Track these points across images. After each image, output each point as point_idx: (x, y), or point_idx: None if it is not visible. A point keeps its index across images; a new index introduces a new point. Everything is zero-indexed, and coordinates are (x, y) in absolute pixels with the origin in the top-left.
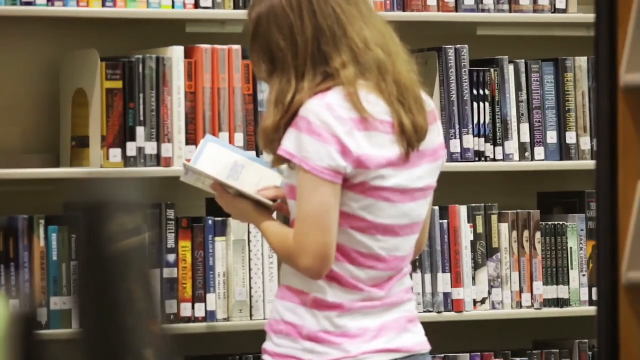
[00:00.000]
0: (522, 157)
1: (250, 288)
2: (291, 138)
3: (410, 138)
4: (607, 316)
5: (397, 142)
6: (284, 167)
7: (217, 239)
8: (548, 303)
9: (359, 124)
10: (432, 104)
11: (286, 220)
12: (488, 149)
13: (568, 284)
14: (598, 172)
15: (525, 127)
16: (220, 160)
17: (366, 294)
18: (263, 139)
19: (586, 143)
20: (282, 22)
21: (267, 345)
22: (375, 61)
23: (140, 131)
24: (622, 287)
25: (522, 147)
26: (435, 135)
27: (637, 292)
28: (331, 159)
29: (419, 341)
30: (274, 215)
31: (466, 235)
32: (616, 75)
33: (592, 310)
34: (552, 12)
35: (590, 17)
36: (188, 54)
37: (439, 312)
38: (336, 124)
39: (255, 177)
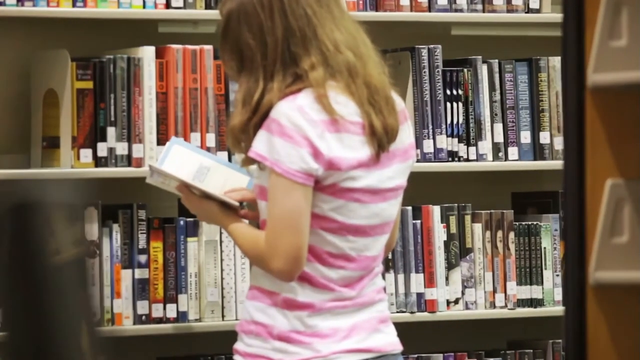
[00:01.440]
0: (495, 157)
1: (222, 288)
2: (262, 140)
3: (381, 139)
4: (575, 316)
5: (368, 143)
6: (253, 167)
7: (188, 239)
8: (521, 303)
9: (330, 126)
10: (402, 104)
11: (255, 224)
12: (461, 149)
13: (542, 284)
14: (566, 172)
15: (498, 127)
16: (186, 162)
17: (337, 293)
18: (231, 138)
19: (560, 143)
20: (252, 20)
21: (237, 346)
22: (345, 64)
23: (111, 131)
24: (590, 287)
25: (495, 147)
26: (405, 135)
27: (605, 292)
28: (303, 162)
29: (391, 341)
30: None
31: (439, 235)
32: (584, 75)
33: None
34: (526, 12)
35: None
36: (159, 54)
37: (412, 313)
38: (307, 127)
39: (221, 179)
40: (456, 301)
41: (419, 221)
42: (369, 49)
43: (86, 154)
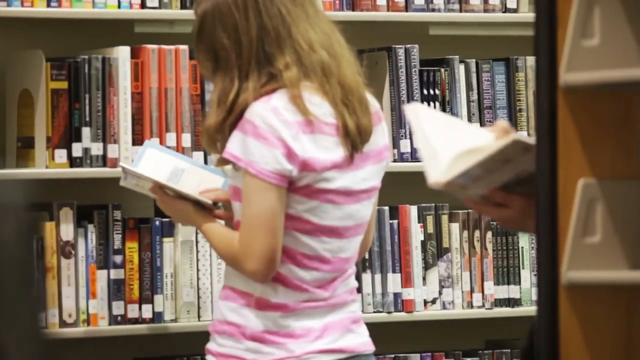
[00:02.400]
0: None
1: (198, 289)
2: (237, 141)
3: (354, 140)
4: (547, 316)
5: (342, 144)
6: (228, 167)
7: (164, 239)
8: (499, 303)
9: (305, 127)
10: (377, 105)
11: (230, 225)
12: None
13: (519, 283)
14: (538, 172)
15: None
16: (160, 164)
17: (310, 294)
18: (206, 138)
19: None
20: (227, 20)
21: (210, 346)
22: (319, 63)
23: (85, 132)
24: (562, 287)
25: None
26: (379, 136)
27: (577, 292)
28: (277, 163)
29: (363, 341)
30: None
31: (416, 235)
32: (556, 74)
33: None
34: (503, 12)
35: None
36: (134, 54)
37: (389, 313)
38: (282, 128)
39: (196, 180)
40: (433, 301)
41: (395, 221)
42: (343, 48)
43: (61, 155)
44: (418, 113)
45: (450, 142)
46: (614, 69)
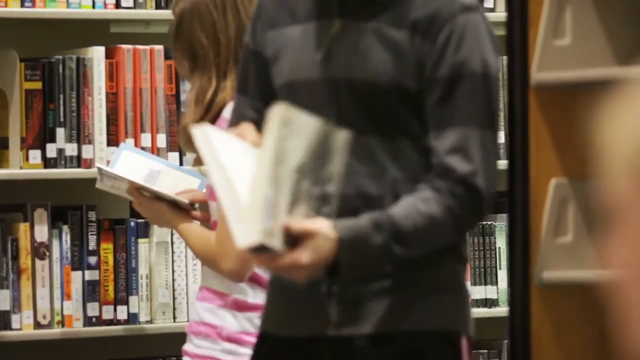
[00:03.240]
0: None
1: (174, 290)
2: None
3: None
4: (520, 316)
5: None
6: (205, 168)
7: (139, 240)
8: (476, 303)
9: None
10: None
11: (207, 226)
12: None
13: (496, 284)
14: (510, 171)
15: None
16: (136, 166)
17: None
18: (183, 137)
19: None
20: (205, 19)
21: (187, 347)
22: None
23: (60, 132)
24: (534, 287)
25: None
26: None
27: (550, 292)
28: None
29: None
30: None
31: None
32: (527, 73)
33: None
34: None
35: None
36: (109, 54)
37: None
38: None
39: (172, 182)
40: None
41: None
42: None
43: (35, 155)
44: (208, 136)
45: (243, 170)
46: (585, 69)
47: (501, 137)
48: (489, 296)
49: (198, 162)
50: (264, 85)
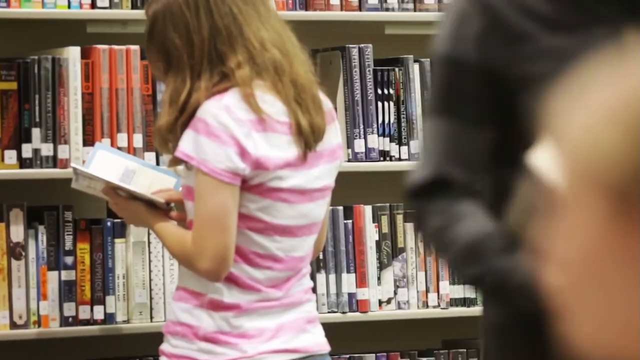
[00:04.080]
0: None
1: (151, 290)
2: (189, 139)
3: (307, 138)
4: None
5: (295, 143)
6: (180, 167)
7: (116, 240)
8: (455, 302)
9: (257, 125)
10: (329, 104)
11: (183, 226)
12: (393, 149)
13: None
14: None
15: None
16: (111, 166)
17: (263, 294)
18: (157, 139)
19: None
20: (178, 20)
21: (163, 347)
22: (271, 61)
23: (35, 132)
24: None
25: None
26: (332, 135)
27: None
28: (229, 161)
29: (318, 341)
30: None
31: (371, 235)
32: None
33: None
34: None
35: None
36: (85, 54)
37: (343, 313)
38: (234, 126)
39: (147, 181)
40: (388, 301)
41: (350, 221)
42: (295, 47)
43: (10, 155)
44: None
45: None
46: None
47: None
48: (467, 295)
49: (174, 162)
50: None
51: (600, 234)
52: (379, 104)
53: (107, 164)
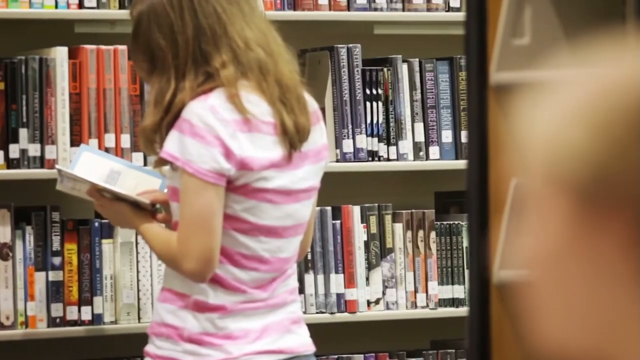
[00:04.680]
0: (416, 157)
1: (138, 290)
2: (174, 140)
3: (292, 138)
4: (479, 315)
5: (280, 143)
6: (166, 168)
7: (103, 241)
8: (443, 303)
9: (242, 126)
10: (315, 105)
11: (170, 227)
12: (382, 149)
13: (463, 283)
14: (469, 171)
15: (419, 126)
16: (96, 167)
17: (248, 295)
18: (142, 139)
19: None
20: (163, 21)
21: (148, 348)
22: (255, 61)
23: (23, 133)
24: (494, 287)
25: (416, 147)
26: (318, 135)
27: (509, 292)
28: (214, 162)
29: (303, 342)
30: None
31: (359, 235)
32: (486, 73)
33: None
34: (447, 11)
35: None
36: (72, 55)
37: (332, 313)
38: (219, 126)
39: (133, 182)
40: (377, 301)
41: (338, 221)
42: (280, 46)
43: None
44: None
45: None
46: (544, 68)
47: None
48: (455, 296)
49: (159, 163)
50: None
51: (564, 233)
52: (368, 104)
53: (91, 166)
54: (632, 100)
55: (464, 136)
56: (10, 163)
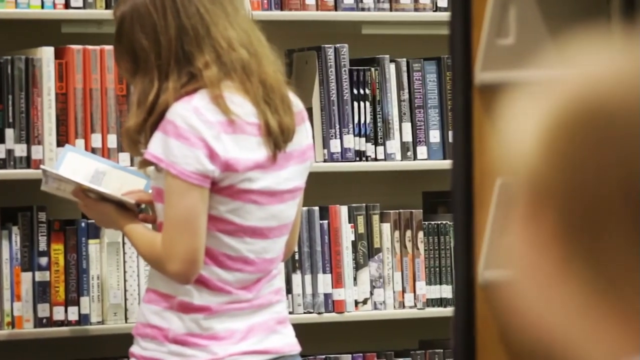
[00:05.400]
0: (404, 157)
1: (125, 290)
2: (158, 142)
3: (277, 139)
4: (464, 315)
5: (264, 144)
6: (151, 169)
7: (90, 241)
8: (431, 303)
9: (227, 127)
10: (300, 105)
11: (155, 228)
12: (369, 149)
13: (451, 283)
14: (454, 171)
15: (407, 126)
16: (81, 167)
17: (234, 296)
18: (126, 140)
19: None
20: (146, 21)
21: (133, 349)
22: (239, 61)
23: (9, 133)
24: (479, 287)
25: (404, 147)
26: (303, 136)
27: (494, 291)
28: (199, 163)
29: (288, 342)
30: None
31: (347, 235)
32: (471, 73)
33: None
34: (434, 11)
35: None
36: (59, 55)
37: (319, 313)
38: (203, 128)
39: (118, 183)
40: (364, 301)
41: (326, 221)
42: (264, 47)
43: None
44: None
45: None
46: (529, 68)
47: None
48: (443, 296)
49: (143, 164)
50: None
51: (523, 236)
52: (355, 104)
53: (76, 166)
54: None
55: (451, 136)
56: None
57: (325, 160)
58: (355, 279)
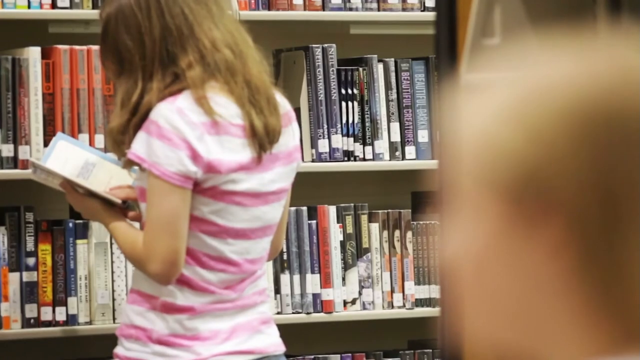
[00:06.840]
0: (392, 157)
1: (113, 291)
2: (141, 142)
3: (262, 140)
4: (450, 314)
5: (249, 146)
6: (136, 168)
7: (78, 241)
8: (420, 303)
9: (210, 128)
10: (287, 106)
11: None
12: (357, 149)
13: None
14: (440, 172)
15: (395, 126)
16: (70, 158)
17: (217, 296)
18: (110, 141)
19: None
20: (130, 22)
21: (117, 350)
22: (223, 62)
23: None
24: None
25: (392, 147)
26: (289, 137)
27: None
28: (181, 164)
29: (273, 342)
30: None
31: (335, 235)
32: (457, 73)
33: None
34: (422, 11)
35: None
36: (46, 55)
37: (308, 313)
38: (187, 129)
39: (107, 176)
40: (353, 301)
41: (314, 221)
42: (249, 47)
43: None
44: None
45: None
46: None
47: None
48: (432, 296)
49: (127, 163)
50: None
51: (492, 234)
52: (343, 103)
53: (66, 156)
54: (566, 103)
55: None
56: None
57: (313, 160)
58: (343, 279)
